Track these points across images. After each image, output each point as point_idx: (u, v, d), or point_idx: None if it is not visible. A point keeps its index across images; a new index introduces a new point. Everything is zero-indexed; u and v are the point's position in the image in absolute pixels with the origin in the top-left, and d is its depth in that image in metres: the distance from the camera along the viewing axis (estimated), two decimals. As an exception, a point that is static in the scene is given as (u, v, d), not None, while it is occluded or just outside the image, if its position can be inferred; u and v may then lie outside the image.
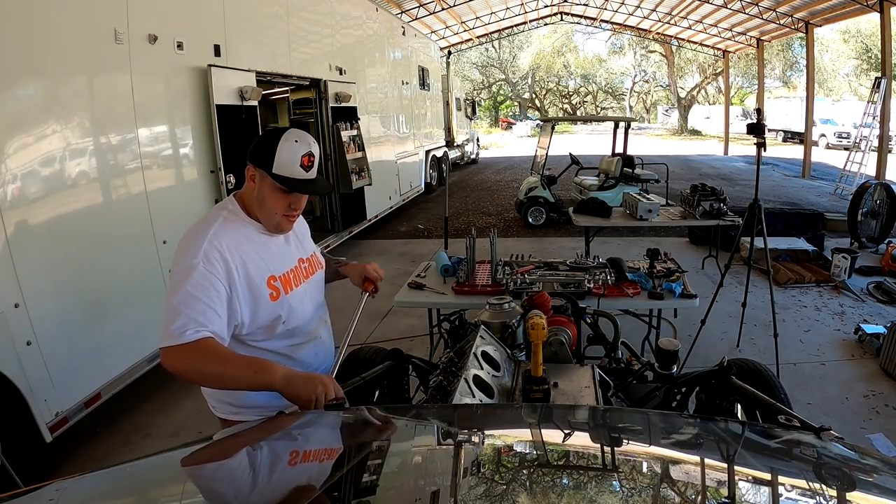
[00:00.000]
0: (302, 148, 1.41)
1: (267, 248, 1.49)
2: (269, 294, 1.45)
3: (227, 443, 1.19)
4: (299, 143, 1.42)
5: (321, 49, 6.36)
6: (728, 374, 1.64)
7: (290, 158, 1.40)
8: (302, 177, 1.43)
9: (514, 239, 7.82)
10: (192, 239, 1.39)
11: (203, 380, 1.39)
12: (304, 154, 1.41)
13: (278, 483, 0.92)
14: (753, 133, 3.61)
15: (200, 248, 1.35)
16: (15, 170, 2.64)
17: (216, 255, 1.36)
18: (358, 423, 1.26)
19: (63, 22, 2.91)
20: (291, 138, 1.41)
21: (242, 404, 1.53)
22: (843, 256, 5.42)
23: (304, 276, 1.60)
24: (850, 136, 17.15)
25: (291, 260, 1.57)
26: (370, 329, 4.57)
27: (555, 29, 30.64)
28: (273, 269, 1.48)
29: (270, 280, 1.46)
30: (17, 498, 0.91)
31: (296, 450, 1.17)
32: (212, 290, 1.33)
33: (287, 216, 1.49)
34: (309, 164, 1.43)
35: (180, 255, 1.37)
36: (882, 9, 10.23)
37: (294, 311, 1.53)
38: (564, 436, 1.07)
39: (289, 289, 1.51)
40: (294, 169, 1.41)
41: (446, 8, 14.52)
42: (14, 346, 2.54)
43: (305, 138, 1.45)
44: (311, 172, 1.45)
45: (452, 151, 14.95)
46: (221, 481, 0.99)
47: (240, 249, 1.41)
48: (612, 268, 3.16)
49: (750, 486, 0.88)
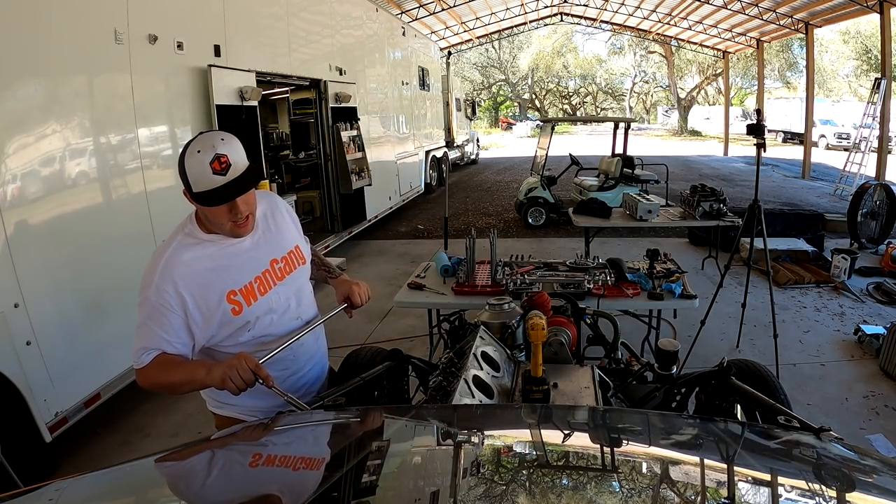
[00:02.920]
0: (206, 155, 1.33)
1: (227, 262, 1.47)
2: (230, 309, 1.46)
3: (224, 443, 1.19)
4: (202, 151, 1.33)
5: (321, 49, 6.37)
6: (728, 375, 1.63)
7: (199, 171, 1.33)
8: (219, 184, 1.34)
9: (514, 239, 7.82)
10: (150, 266, 1.44)
11: (166, 390, 1.47)
12: (211, 160, 1.32)
13: (276, 484, 0.92)
14: (753, 134, 3.61)
15: (153, 282, 1.40)
16: (15, 170, 2.64)
17: (167, 287, 1.39)
18: (357, 423, 1.26)
19: (63, 22, 2.91)
20: (194, 150, 1.34)
21: (221, 399, 1.60)
22: (842, 257, 5.42)
23: (277, 277, 1.56)
24: (849, 136, 17.15)
25: (261, 264, 1.53)
26: (370, 329, 4.57)
27: (555, 29, 30.65)
28: (233, 284, 1.47)
29: (230, 296, 1.45)
30: (16, 498, 0.91)
31: (296, 450, 1.17)
32: (163, 320, 1.40)
33: (235, 223, 1.43)
34: (221, 167, 1.33)
35: (142, 279, 1.43)
36: (882, 9, 10.23)
37: (260, 320, 1.51)
38: (564, 436, 1.07)
39: (252, 300, 1.49)
40: (208, 180, 1.33)
41: (446, 8, 14.52)
42: (14, 346, 2.54)
43: (208, 141, 1.36)
44: (230, 173, 1.35)
45: (452, 152, 14.95)
46: (214, 484, 0.99)
47: (193, 275, 1.42)
48: (612, 268, 3.16)
49: (750, 486, 0.88)
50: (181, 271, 1.41)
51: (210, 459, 1.11)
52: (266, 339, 1.54)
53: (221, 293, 1.44)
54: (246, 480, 0.97)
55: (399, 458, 1.03)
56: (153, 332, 1.40)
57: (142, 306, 1.42)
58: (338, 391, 1.56)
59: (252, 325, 1.50)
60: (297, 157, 8.07)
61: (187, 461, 1.09)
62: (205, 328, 1.45)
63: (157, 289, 1.39)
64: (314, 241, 6.42)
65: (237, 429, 1.40)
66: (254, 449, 1.15)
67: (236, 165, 1.37)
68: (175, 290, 1.39)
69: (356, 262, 6.73)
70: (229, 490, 0.95)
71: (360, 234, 7.51)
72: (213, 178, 1.33)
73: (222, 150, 1.35)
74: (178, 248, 1.44)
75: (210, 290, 1.43)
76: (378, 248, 7.67)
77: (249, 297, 1.49)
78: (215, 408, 1.66)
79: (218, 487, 0.97)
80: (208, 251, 1.46)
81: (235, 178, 1.37)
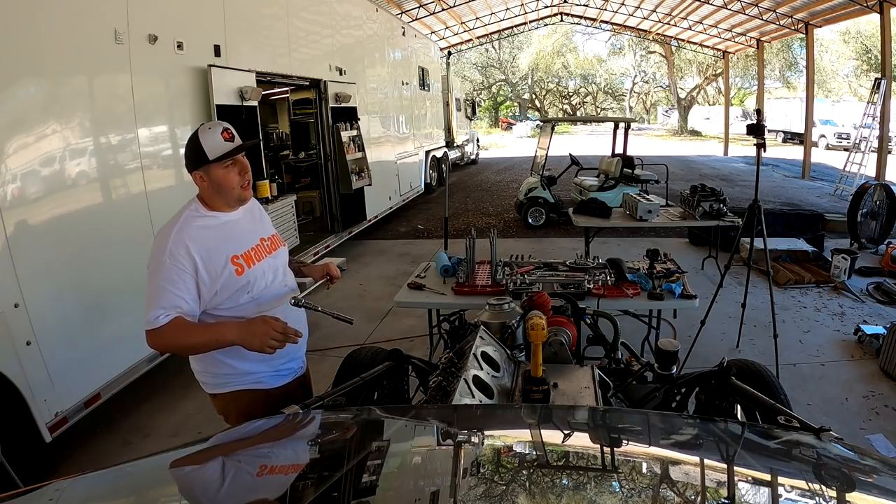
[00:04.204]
0: (216, 129, 1.65)
1: (229, 232, 1.72)
2: (234, 270, 1.67)
3: (224, 443, 1.19)
4: (212, 128, 1.66)
5: (321, 49, 6.37)
6: (728, 375, 1.64)
7: (214, 141, 1.63)
8: (231, 147, 1.66)
9: (514, 239, 7.82)
10: (160, 238, 1.64)
11: (179, 352, 1.74)
12: (222, 131, 1.65)
13: (276, 485, 0.92)
14: (753, 134, 3.61)
15: (166, 247, 1.60)
16: (15, 170, 2.63)
17: (181, 250, 1.59)
18: (357, 423, 1.26)
19: (63, 22, 2.91)
20: (205, 128, 1.66)
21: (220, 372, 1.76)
22: (842, 257, 5.42)
23: (267, 251, 1.81)
24: (849, 136, 17.14)
25: (254, 238, 1.79)
26: (370, 329, 4.57)
27: (554, 29, 30.64)
28: (235, 250, 1.70)
29: (234, 258, 1.68)
30: (16, 498, 0.91)
31: (296, 450, 1.17)
32: (179, 281, 1.59)
33: (243, 187, 1.72)
34: (230, 136, 1.66)
35: (153, 252, 1.63)
36: (882, 9, 10.23)
37: (258, 281, 1.74)
38: (564, 436, 1.07)
39: (251, 263, 1.73)
40: (223, 146, 1.64)
41: (446, 8, 14.52)
42: (14, 346, 2.54)
43: (215, 122, 1.70)
44: (237, 139, 1.68)
45: (452, 152, 14.94)
46: (213, 484, 0.99)
47: (202, 240, 1.64)
48: (612, 268, 3.16)
49: (749, 486, 0.88)
50: (193, 236, 1.62)
51: (210, 460, 1.11)
52: (262, 300, 1.74)
53: (227, 256, 1.67)
54: (245, 481, 0.97)
55: (399, 458, 1.03)
56: (168, 293, 1.57)
57: (155, 272, 1.59)
58: (338, 391, 1.56)
59: (251, 287, 1.71)
60: (297, 157, 8.07)
61: (185, 462, 1.09)
62: (210, 288, 1.65)
63: (170, 252, 1.58)
64: (314, 241, 6.48)
65: (236, 429, 1.40)
66: (254, 449, 1.14)
67: (237, 136, 1.70)
68: (187, 253, 1.59)
69: (356, 263, 6.72)
70: (228, 491, 0.95)
71: (360, 234, 7.51)
72: (227, 144, 1.65)
73: (226, 125, 1.68)
74: (188, 219, 1.67)
75: (217, 253, 1.65)
76: (378, 248, 7.66)
77: (249, 261, 1.72)
78: (217, 387, 1.78)
79: (217, 488, 0.97)
80: (212, 223, 1.71)
81: (241, 143, 1.70)
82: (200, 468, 1.08)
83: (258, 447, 1.16)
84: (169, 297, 1.57)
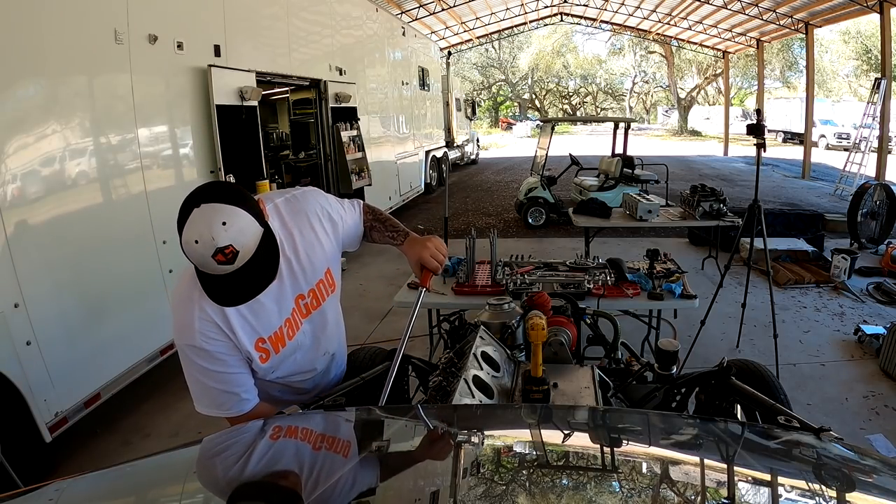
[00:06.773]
0: (206, 248, 1.10)
1: (255, 305, 1.31)
2: (258, 357, 1.38)
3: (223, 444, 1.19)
4: (200, 243, 1.10)
5: (321, 49, 6.37)
6: (727, 375, 1.63)
7: (201, 261, 1.14)
8: (224, 272, 1.15)
9: (514, 239, 7.82)
10: (181, 320, 1.30)
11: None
12: (214, 254, 1.11)
13: (275, 485, 0.92)
14: (753, 134, 3.61)
15: (194, 329, 1.28)
16: (15, 170, 2.63)
17: (211, 329, 1.29)
18: (357, 423, 1.26)
19: (63, 22, 2.91)
20: (191, 238, 1.10)
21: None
22: (842, 257, 5.42)
23: (303, 314, 1.46)
24: (849, 136, 17.15)
25: (287, 305, 1.42)
26: (370, 329, 4.56)
27: (554, 29, 30.64)
28: (262, 331, 1.37)
29: (259, 343, 1.37)
30: (16, 498, 0.91)
31: (296, 450, 1.17)
32: (226, 371, 1.35)
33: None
34: (227, 257, 1.12)
35: (179, 333, 1.31)
36: (882, 9, 10.23)
37: (284, 362, 1.45)
38: (564, 436, 1.07)
39: (279, 346, 1.41)
40: (214, 268, 1.15)
41: (446, 8, 14.52)
42: (14, 346, 2.54)
43: (207, 231, 1.10)
44: (238, 260, 1.14)
45: (452, 152, 14.95)
46: (212, 485, 0.99)
47: (226, 319, 1.31)
48: (612, 268, 3.16)
49: (750, 486, 0.88)
50: (218, 315, 1.29)
51: (208, 461, 1.11)
52: (288, 378, 1.52)
53: (251, 340, 1.35)
54: (244, 482, 0.97)
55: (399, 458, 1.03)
56: (221, 395, 1.37)
57: (192, 361, 1.32)
58: (338, 391, 1.56)
59: (276, 368, 1.44)
60: (297, 157, 8.08)
61: (182, 463, 1.08)
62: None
63: (202, 335, 1.28)
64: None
65: (236, 429, 1.40)
66: (252, 449, 1.14)
67: (245, 248, 1.15)
68: (220, 333, 1.31)
69: (356, 262, 6.72)
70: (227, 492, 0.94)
71: (360, 234, 7.50)
72: (218, 267, 1.14)
73: (223, 241, 1.11)
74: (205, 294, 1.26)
75: (242, 335, 1.33)
76: (378, 247, 7.62)
77: (278, 344, 1.41)
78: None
79: (216, 489, 0.97)
80: None
81: (245, 263, 1.17)
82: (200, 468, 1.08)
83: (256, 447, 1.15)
84: (223, 397, 1.37)
